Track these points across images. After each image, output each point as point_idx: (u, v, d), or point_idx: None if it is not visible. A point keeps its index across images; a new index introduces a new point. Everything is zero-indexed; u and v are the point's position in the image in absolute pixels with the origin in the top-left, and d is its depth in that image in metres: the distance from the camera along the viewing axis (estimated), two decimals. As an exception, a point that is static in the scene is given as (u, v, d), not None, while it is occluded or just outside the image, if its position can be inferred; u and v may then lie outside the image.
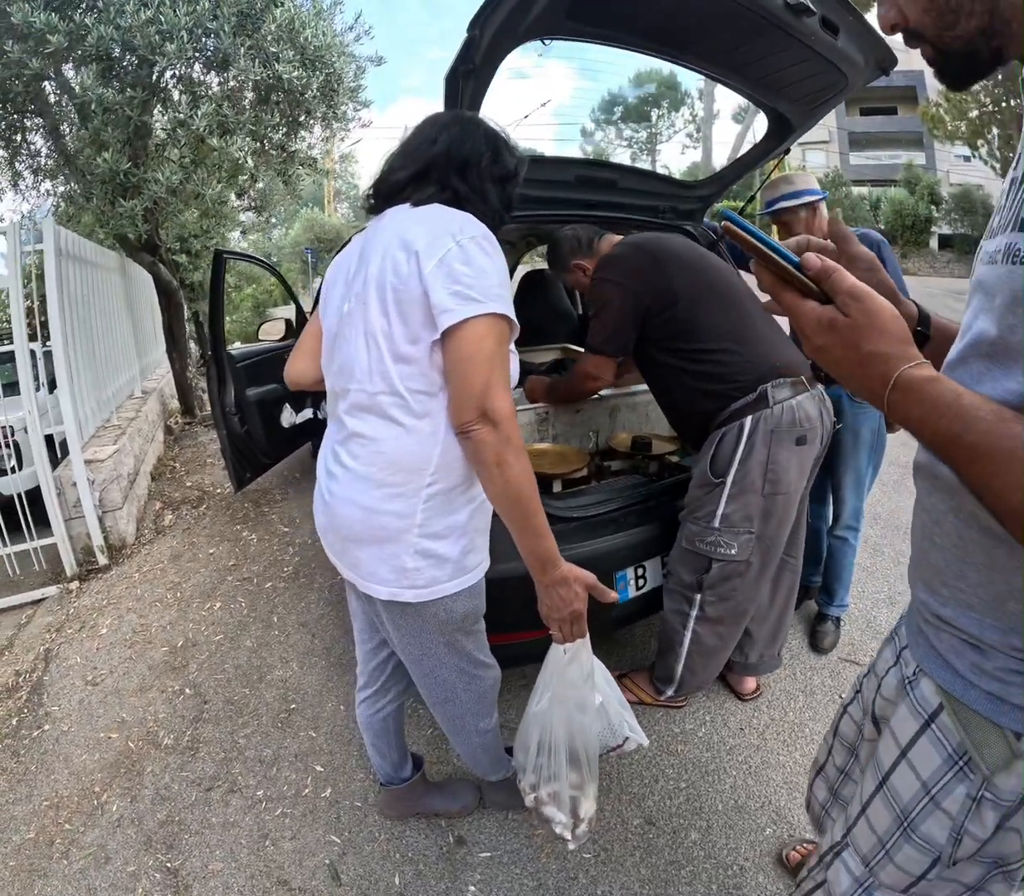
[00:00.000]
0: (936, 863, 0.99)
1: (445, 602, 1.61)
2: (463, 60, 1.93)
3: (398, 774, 2.21)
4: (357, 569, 1.64)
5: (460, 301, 1.40)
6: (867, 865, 1.10)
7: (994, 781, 0.88)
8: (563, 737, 1.68)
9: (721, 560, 2.30)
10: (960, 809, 0.93)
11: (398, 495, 1.52)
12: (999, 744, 0.87)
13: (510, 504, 1.45)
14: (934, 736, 0.96)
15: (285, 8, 5.42)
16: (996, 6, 0.77)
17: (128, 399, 6.71)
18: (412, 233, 1.49)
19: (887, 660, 1.18)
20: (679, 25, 2.29)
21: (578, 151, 43.30)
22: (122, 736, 2.82)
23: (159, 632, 3.62)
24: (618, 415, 3.27)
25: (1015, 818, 0.89)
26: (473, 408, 1.40)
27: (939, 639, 0.95)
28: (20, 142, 6.35)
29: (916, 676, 1.02)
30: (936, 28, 0.82)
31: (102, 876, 2.18)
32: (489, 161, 1.62)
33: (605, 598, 1.57)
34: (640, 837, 2.22)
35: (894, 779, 1.04)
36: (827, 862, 1.22)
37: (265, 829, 2.31)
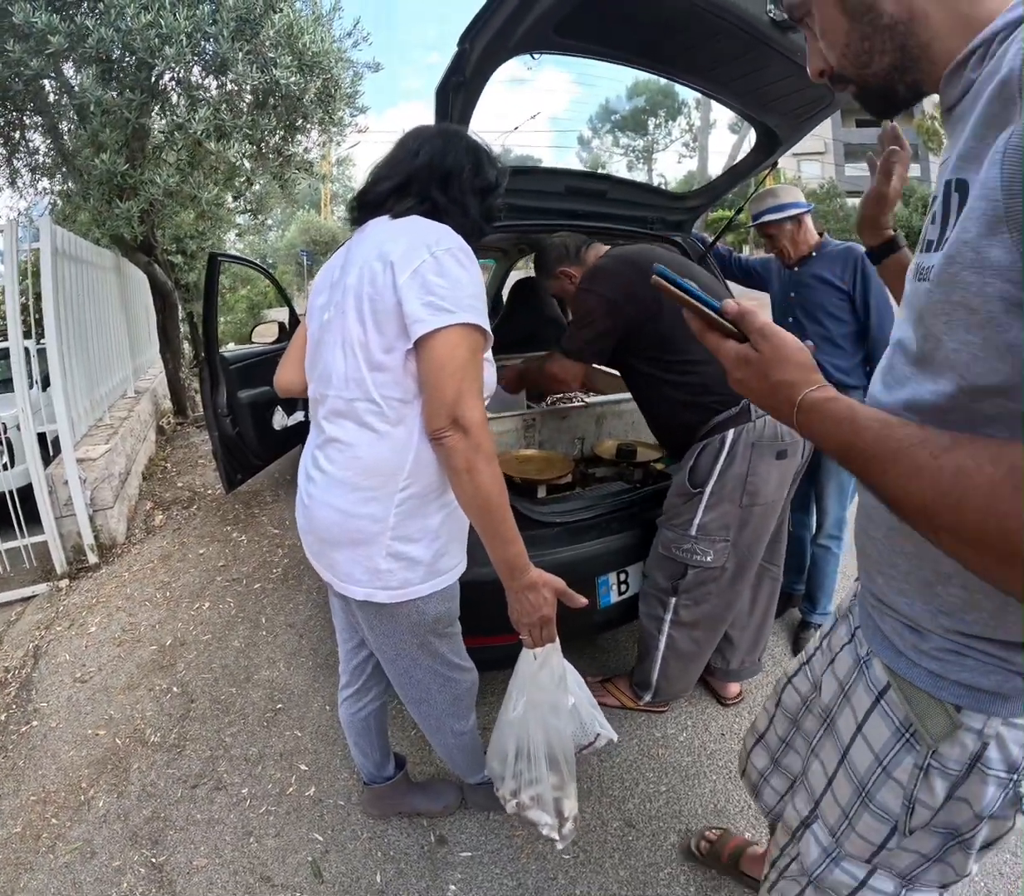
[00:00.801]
0: (894, 832, 1.07)
1: (417, 604, 1.64)
2: (454, 73, 1.97)
3: (381, 773, 2.24)
4: (333, 570, 1.67)
5: (432, 311, 1.43)
6: (834, 836, 1.18)
7: (940, 751, 0.97)
8: (541, 741, 1.70)
9: (697, 567, 2.33)
10: (909, 778, 1.01)
11: (372, 499, 1.56)
12: (941, 716, 0.96)
13: (479, 510, 1.49)
14: (883, 711, 1.06)
15: (284, 14, 5.43)
16: (904, 44, 0.85)
17: (121, 398, 6.72)
18: (389, 245, 1.52)
19: (842, 637, 1.27)
20: (667, 41, 2.33)
21: (575, 159, 43.33)
22: (109, 733, 2.85)
23: (148, 631, 3.65)
24: (604, 422, 3.30)
25: (963, 788, 0.97)
26: (445, 416, 1.44)
27: (883, 622, 1.05)
28: (19, 139, 6.34)
29: (869, 656, 1.11)
30: (855, 68, 0.92)
31: (87, 870, 2.21)
32: (470, 173, 1.64)
33: (574, 603, 1.58)
34: (620, 839, 2.24)
35: (852, 752, 1.13)
36: (799, 836, 1.29)
37: (249, 826, 2.34)
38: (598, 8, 2.12)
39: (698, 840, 2.14)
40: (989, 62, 0.72)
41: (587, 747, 1.81)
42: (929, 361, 0.82)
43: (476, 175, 1.66)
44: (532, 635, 1.59)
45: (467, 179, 1.64)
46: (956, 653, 0.93)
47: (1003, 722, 0.92)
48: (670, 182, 35.78)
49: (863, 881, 1.15)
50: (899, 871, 1.11)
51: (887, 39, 0.86)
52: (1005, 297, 0.66)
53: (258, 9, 5.34)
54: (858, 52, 0.90)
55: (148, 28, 4.89)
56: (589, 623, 2.56)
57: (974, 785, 0.96)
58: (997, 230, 0.65)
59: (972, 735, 0.94)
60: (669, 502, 2.42)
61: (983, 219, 0.67)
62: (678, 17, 2.20)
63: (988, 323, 0.69)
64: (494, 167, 1.70)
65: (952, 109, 0.82)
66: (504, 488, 1.49)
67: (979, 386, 0.72)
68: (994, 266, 0.66)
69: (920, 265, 0.84)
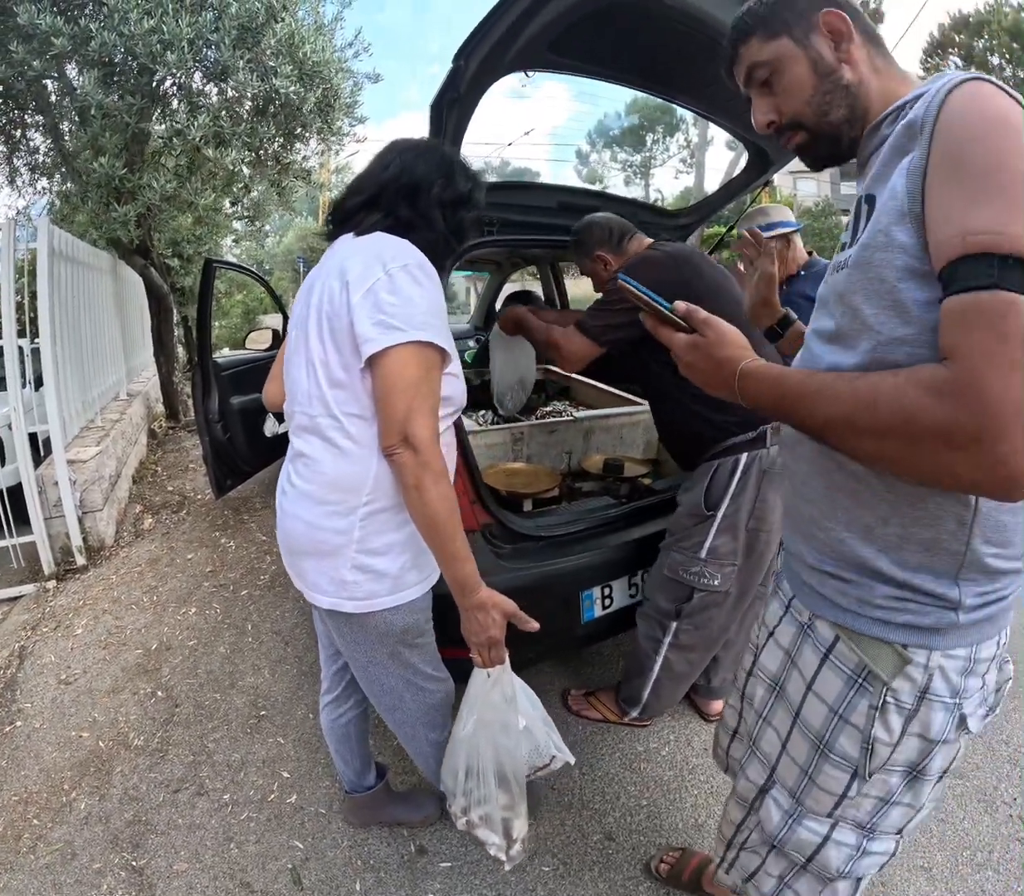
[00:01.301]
0: (854, 778, 1.18)
1: (385, 615, 1.64)
2: (448, 89, 1.99)
3: (361, 782, 2.25)
4: (303, 579, 1.70)
5: (382, 330, 1.44)
6: (794, 796, 1.28)
7: (893, 687, 1.10)
8: (491, 760, 1.69)
9: (703, 590, 2.31)
10: (866, 720, 1.13)
11: (336, 513, 1.58)
12: (891, 656, 1.10)
13: (426, 527, 1.49)
14: (833, 665, 1.19)
15: (286, 23, 5.48)
16: (853, 104, 1.13)
17: (113, 401, 6.72)
18: (348, 262, 1.53)
19: (776, 611, 1.40)
20: (660, 60, 2.37)
21: (572, 173, 43.41)
22: (93, 735, 2.85)
23: (134, 634, 3.65)
24: (592, 437, 3.30)
25: (915, 721, 1.11)
26: (396, 433, 1.45)
27: (823, 586, 1.20)
28: (20, 138, 6.38)
29: (811, 620, 1.25)
30: (816, 116, 1.16)
31: (68, 872, 2.21)
32: (440, 187, 1.64)
33: (525, 627, 1.58)
34: (600, 852, 2.25)
35: (804, 712, 1.25)
36: (756, 806, 1.40)
37: (230, 832, 2.35)
38: (592, 28, 2.17)
39: (657, 862, 2.14)
40: (900, 121, 0.99)
41: (542, 769, 1.78)
42: (845, 333, 1.04)
43: (446, 188, 1.65)
44: (481, 655, 1.59)
45: (436, 193, 1.64)
46: (899, 599, 1.08)
47: (943, 654, 1.08)
48: (667, 197, 35.92)
49: (826, 836, 1.24)
50: (860, 821, 1.21)
51: (844, 96, 1.13)
52: (906, 267, 0.93)
53: (260, 18, 5.38)
54: (820, 103, 1.14)
55: (150, 33, 4.93)
56: (572, 637, 2.55)
57: (924, 715, 1.10)
58: (902, 221, 0.92)
59: (919, 669, 1.08)
60: (679, 523, 2.39)
61: (893, 213, 0.93)
62: (671, 37, 2.24)
63: (894, 288, 0.94)
64: (469, 181, 1.71)
65: (868, 159, 1.12)
66: (453, 506, 1.49)
67: (893, 337, 0.95)
68: (899, 245, 0.93)
69: (837, 261, 1.11)
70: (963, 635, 1.07)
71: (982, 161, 0.84)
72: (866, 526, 1.09)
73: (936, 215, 0.88)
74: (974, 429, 0.78)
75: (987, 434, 0.77)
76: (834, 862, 1.23)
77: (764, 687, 1.40)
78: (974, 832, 2.28)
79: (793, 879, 1.32)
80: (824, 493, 1.16)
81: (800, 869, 1.29)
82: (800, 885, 1.32)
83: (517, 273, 5.93)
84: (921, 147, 0.91)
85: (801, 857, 1.27)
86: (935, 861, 2.17)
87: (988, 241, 0.80)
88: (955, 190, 0.86)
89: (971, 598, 1.04)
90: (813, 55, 1.14)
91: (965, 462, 0.81)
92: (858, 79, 1.13)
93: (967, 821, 2.32)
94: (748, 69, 1.21)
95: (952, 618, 1.05)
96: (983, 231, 0.81)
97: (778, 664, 1.35)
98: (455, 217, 1.69)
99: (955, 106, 0.89)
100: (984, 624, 1.08)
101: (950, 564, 1.04)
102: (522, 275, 5.96)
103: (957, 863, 2.16)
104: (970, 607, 1.05)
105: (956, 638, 1.07)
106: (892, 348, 0.96)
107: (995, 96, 0.90)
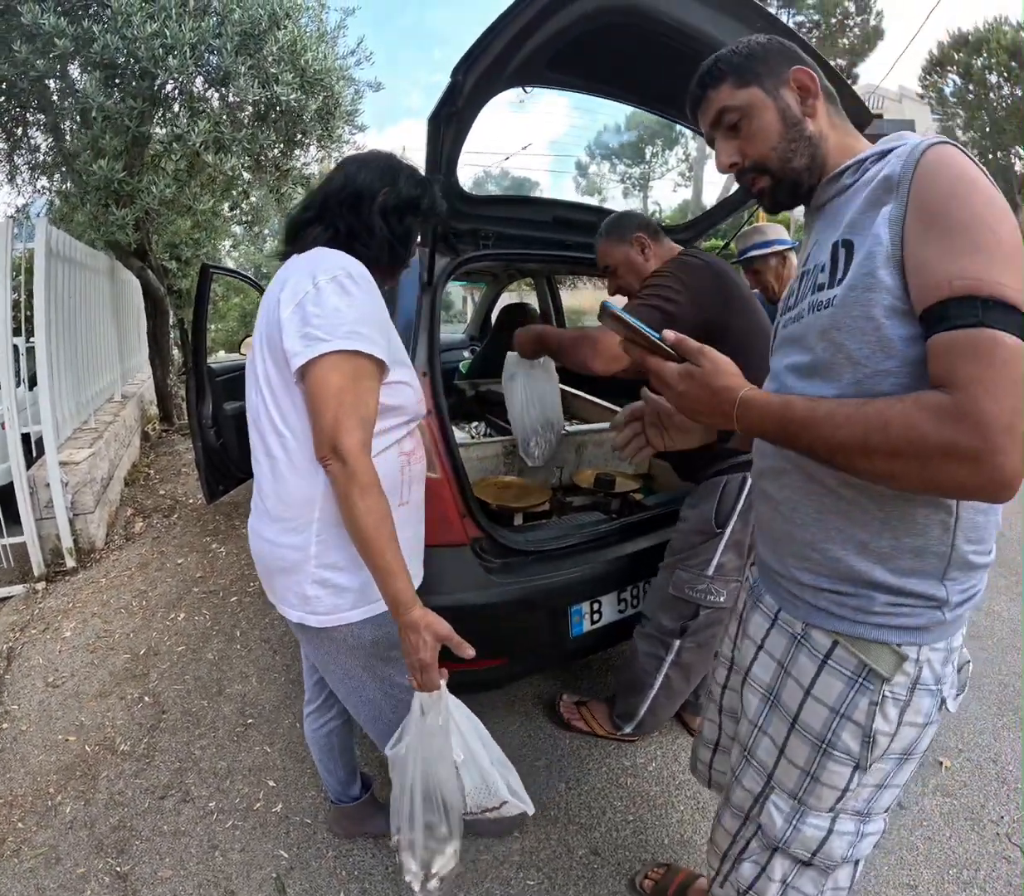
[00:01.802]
0: (855, 770, 1.26)
1: (352, 629, 1.63)
2: (446, 103, 2.00)
3: (346, 792, 2.24)
4: (272, 593, 1.71)
5: (307, 343, 1.43)
6: (796, 798, 1.33)
7: (892, 681, 1.19)
8: (420, 786, 1.59)
9: (709, 607, 2.32)
10: (867, 716, 1.21)
11: (292, 529, 1.58)
12: (889, 655, 1.19)
13: (356, 539, 1.46)
14: (832, 668, 1.25)
15: (288, 30, 5.49)
16: (814, 154, 1.25)
17: (107, 402, 6.72)
18: (285, 281, 1.53)
19: (761, 624, 1.45)
20: (657, 81, 2.39)
21: (571, 184, 43.47)
22: (79, 740, 2.85)
23: (122, 639, 3.65)
24: (584, 451, 3.29)
25: (908, 711, 1.20)
26: (325, 444, 1.43)
27: (818, 599, 1.26)
28: (21, 136, 6.38)
29: (805, 630, 1.31)
30: (779, 162, 1.26)
31: (51, 876, 2.21)
32: (386, 195, 1.64)
33: (461, 653, 1.49)
34: (585, 867, 2.24)
35: (803, 716, 1.30)
36: (755, 814, 1.43)
37: (215, 840, 2.34)
38: (591, 45, 2.18)
39: (642, 878, 2.14)
40: (865, 173, 1.15)
41: (491, 810, 1.67)
42: (827, 367, 1.13)
43: (391, 195, 1.65)
44: (414, 677, 1.52)
45: (380, 201, 1.63)
46: (895, 605, 1.17)
47: (930, 648, 1.18)
48: (665, 210, 35.96)
49: (830, 829, 1.31)
50: (858, 809, 1.30)
51: (807, 146, 1.24)
52: (891, 307, 1.03)
53: (263, 24, 5.40)
54: (785, 150, 1.25)
55: (153, 37, 4.95)
56: (561, 652, 2.55)
57: (916, 703, 1.20)
58: (887, 265, 1.03)
59: (912, 663, 1.18)
60: (685, 541, 2.38)
61: (879, 258, 1.04)
62: (670, 56, 2.25)
63: (881, 325, 1.04)
64: (418, 186, 1.70)
65: (823, 205, 1.26)
66: (382, 520, 1.45)
67: (878, 370, 1.06)
68: (885, 287, 1.03)
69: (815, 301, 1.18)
70: (945, 629, 1.19)
71: (960, 216, 0.97)
72: (860, 543, 1.18)
73: (919, 261, 1.00)
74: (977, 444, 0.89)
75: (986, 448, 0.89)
76: (837, 851, 1.32)
77: (759, 697, 1.43)
78: (961, 850, 2.28)
79: (796, 878, 1.38)
80: (816, 517, 1.24)
81: (803, 866, 1.36)
82: (803, 882, 1.38)
83: (515, 284, 5.93)
84: (899, 200, 1.03)
85: (807, 853, 1.34)
86: (921, 878, 2.17)
87: (972, 286, 0.93)
88: (938, 241, 0.98)
89: (956, 595, 1.16)
90: (782, 105, 1.25)
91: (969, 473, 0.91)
92: (819, 132, 1.25)
93: (954, 839, 2.32)
94: (718, 112, 1.31)
95: (940, 616, 1.17)
96: (966, 277, 0.94)
97: (771, 675, 1.40)
98: (402, 224, 1.68)
99: (930, 165, 1.02)
100: (961, 617, 1.20)
101: (937, 566, 1.14)
102: (519, 286, 5.96)
103: (943, 881, 2.16)
104: (955, 604, 1.17)
105: (940, 632, 1.18)
106: (878, 379, 1.07)
107: (962, 159, 1.03)
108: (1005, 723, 2.89)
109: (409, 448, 1.72)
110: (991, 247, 0.95)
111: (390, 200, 1.64)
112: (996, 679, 3.19)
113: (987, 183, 1.01)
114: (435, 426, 2.21)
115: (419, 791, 1.59)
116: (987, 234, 0.96)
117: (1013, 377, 0.90)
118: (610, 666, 3.27)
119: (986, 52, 22.68)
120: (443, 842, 1.67)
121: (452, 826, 1.64)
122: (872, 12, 27.88)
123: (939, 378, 0.96)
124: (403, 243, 1.71)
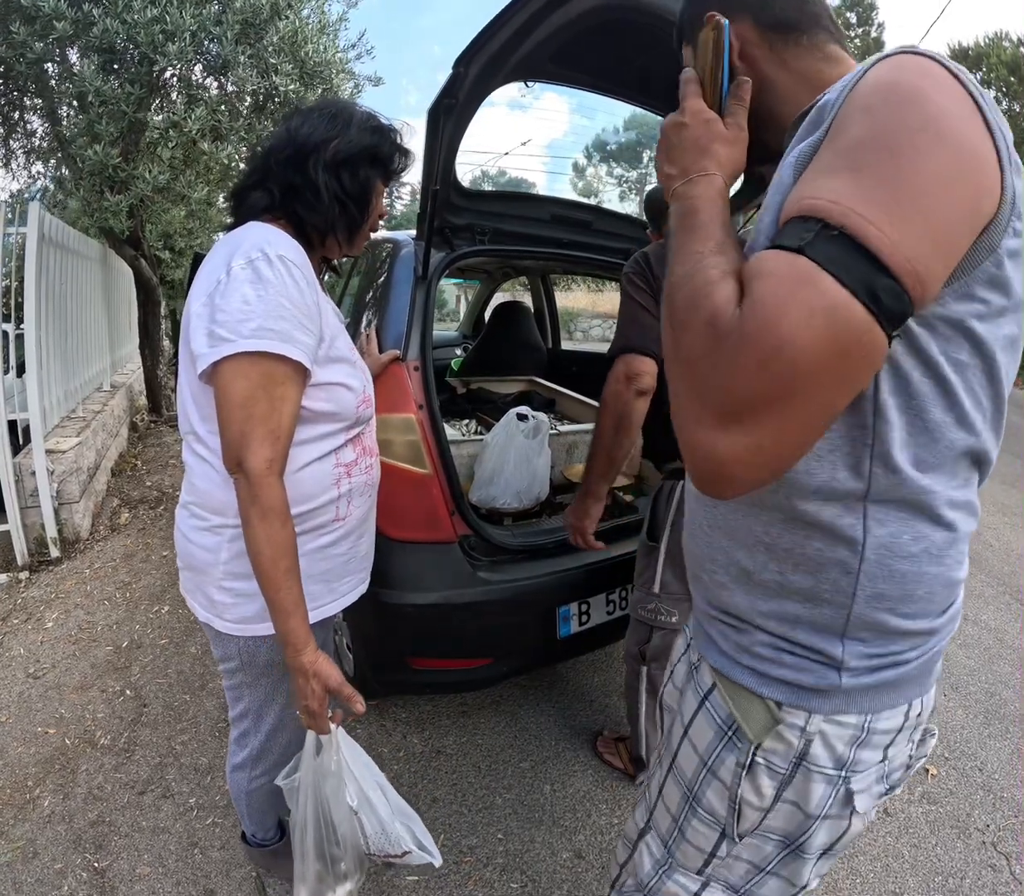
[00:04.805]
0: (723, 838, 1.06)
1: (251, 643, 1.55)
2: (446, 95, 1.97)
3: (266, 835, 2.16)
4: (183, 586, 1.63)
5: (212, 343, 1.26)
6: (666, 846, 1.16)
7: (764, 747, 0.97)
8: (312, 822, 1.52)
9: (663, 628, 2.21)
10: (732, 777, 1.01)
11: (206, 529, 1.48)
12: (761, 712, 0.97)
13: (253, 567, 1.31)
14: (707, 712, 1.06)
15: (289, 21, 5.49)
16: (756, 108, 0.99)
17: (96, 391, 6.66)
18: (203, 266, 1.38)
19: (679, 649, 1.29)
20: (662, 80, 2.37)
21: (568, 185, 43.47)
22: (59, 732, 2.81)
23: (105, 631, 3.61)
24: (575, 451, 3.29)
25: (790, 789, 0.97)
26: (230, 458, 1.29)
27: (711, 626, 1.08)
28: (17, 120, 6.35)
29: (699, 662, 1.12)
30: None
31: (29, 871, 2.18)
32: (336, 146, 1.42)
33: (352, 708, 1.40)
34: (568, 870, 2.23)
35: (680, 758, 1.12)
36: (637, 849, 1.27)
37: (195, 837, 2.32)
38: (595, 41, 2.16)
39: None
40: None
41: (394, 857, 1.57)
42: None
43: (342, 145, 1.42)
44: (303, 719, 1.42)
45: (330, 152, 1.42)
46: (776, 649, 0.96)
47: (825, 719, 0.94)
48: (661, 214, 35.96)
49: (696, 894, 1.12)
50: (732, 884, 1.10)
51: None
52: None
53: (264, 14, 5.39)
54: None
55: (153, 23, 4.92)
56: (548, 652, 2.54)
57: (801, 784, 0.96)
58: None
59: (795, 732, 0.95)
60: (638, 558, 2.33)
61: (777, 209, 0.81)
62: (674, 55, 2.23)
63: None
64: (375, 133, 1.48)
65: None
66: (282, 552, 1.30)
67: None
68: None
69: None
70: (851, 700, 0.93)
71: (856, 132, 0.74)
72: (743, 570, 0.99)
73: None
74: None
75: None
76: None
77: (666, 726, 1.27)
78: (946, 858, 2.28)
79: None
80: (706, 532, 1.06)
81: None
82: None
83: (508, 284, 5.92)
84: (820, 132, 0.79)
85: None
86: (907, 886, 2.17)
87: (819, 206, 0.70)
88: (819, 160, 0.77)
89: (856, 659, 0.92)
90: None
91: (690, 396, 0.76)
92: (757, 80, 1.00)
93: (940, 847, 2.32)
94: None
95: (834, 679, 0.92)
96: (819, 197, 0.71)
97: (675, 701, 1.22)
98: (356, 178, 1.46)
99: (869, 79, 0.77)
100: (882, 690, 0.94)
101: (833, 619, 0.91)
102: (512, 286, 5.94)
103: (929, 889, 2.17)
104: (856, 669, 0.92)
105: (841, 703, 0.93)
106: None
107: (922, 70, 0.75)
108: (991, 732, 2.89)
109: (350, 459, 1.58)
110: (878, 172, 0.70)
111: (341, 151, 1.42)
112: (982, 688, 3.20)
113: (944, 106, 0.72)
114: (427, 422, 2.19)
115: (311, 827, 1.52)
116: (882, 157, 0.70)
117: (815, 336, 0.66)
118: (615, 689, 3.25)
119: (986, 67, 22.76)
120: (336, 884, 1.61)
121: (352, 863, 1.58)
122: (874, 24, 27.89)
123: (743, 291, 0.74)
124: (358, 202, 1.48)
